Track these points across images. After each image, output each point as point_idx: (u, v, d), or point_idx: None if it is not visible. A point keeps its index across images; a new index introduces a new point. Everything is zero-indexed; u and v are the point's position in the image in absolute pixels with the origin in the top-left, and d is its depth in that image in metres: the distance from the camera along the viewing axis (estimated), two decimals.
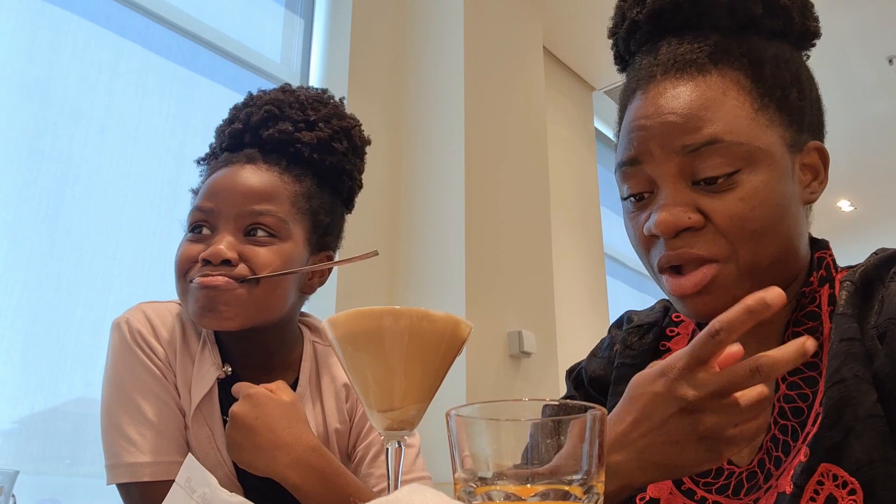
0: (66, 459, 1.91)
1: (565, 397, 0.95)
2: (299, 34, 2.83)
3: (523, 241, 2.83)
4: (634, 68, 0.83)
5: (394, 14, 3.01)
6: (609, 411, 0.86)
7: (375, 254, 1.02)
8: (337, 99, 1.21)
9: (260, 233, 1.04)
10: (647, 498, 0.78)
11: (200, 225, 1.05)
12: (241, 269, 1.02)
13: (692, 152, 0.72)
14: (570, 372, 0.99)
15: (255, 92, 1.20)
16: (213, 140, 1.19)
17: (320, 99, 1.17)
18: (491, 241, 2.67)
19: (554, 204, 3.15)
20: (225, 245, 1.01)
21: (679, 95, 0.75)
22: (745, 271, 0.72)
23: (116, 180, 2.12)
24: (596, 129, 4.45)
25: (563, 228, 3.60)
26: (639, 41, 0.85)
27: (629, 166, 0.77)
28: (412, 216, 2.73)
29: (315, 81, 2.77)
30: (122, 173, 2.13)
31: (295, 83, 1.23)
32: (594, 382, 0.93)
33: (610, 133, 4.80)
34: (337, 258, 1.21)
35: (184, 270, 1.03)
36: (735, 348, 0.61)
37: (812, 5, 0.84)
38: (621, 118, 0.83)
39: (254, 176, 1.06)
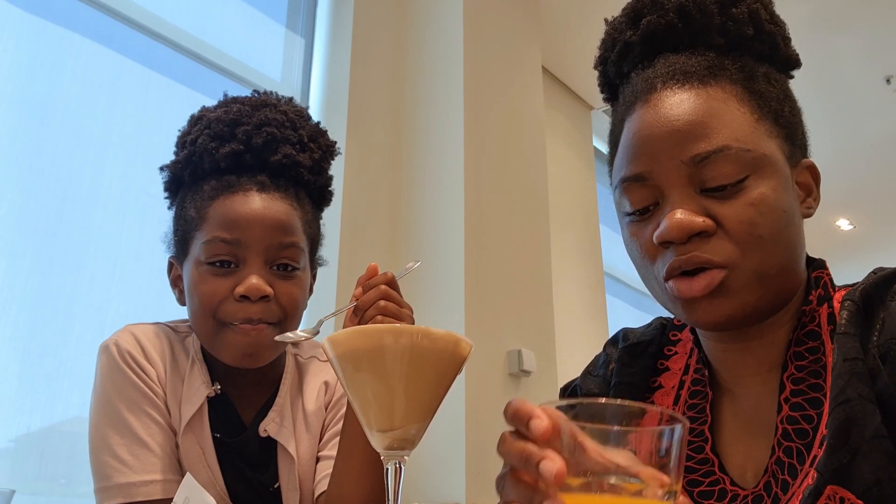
0: (62, 479, 1.90)
1: None
2: (300, 53, 2.84)
3: (523, 260, 2.83)
4: (630, 85, 0.83)
5: (394, 33, 3.02)
6: None
7: (417, 263, 1.03)
8: (303, 107, 1.20)
9: (286, 266, 1.05)
10: None
11: (226, 259, 1.02)
12: (274, 304, 1.02)
13: (701, 161, 0.72)
14: (564, 390, 0.98)
15: (217, 99, 1.16)
16: (185, 147, 1.12)
17: (300, 113, 1.16)
18: (490, 260, 2.66)
19: (553, 222, 3.15)
20: (262, 280, 1.01)
21: (683, 102, 0.75)
22: (754, 278, 0.71)
23: (116, 198, 2.12)
24: (595, 147, 4.46)
25: (562, 247, 3.60)
26: (632, 62, 0.85)
27: (634, 181, 0.76)
28: (412, 234, 2.73)
29: (315, 100, 2.78)
30: (122, 191, 2.13)
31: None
32: None
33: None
34: None
35: (213, 308, 1.01)
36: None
37: (789, 36, 0.86)
38: (617, 135, 0.82)
39: (275, 206, 1.05)
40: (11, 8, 1.97)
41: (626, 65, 0.86)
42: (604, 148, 4.72)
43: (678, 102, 0.75)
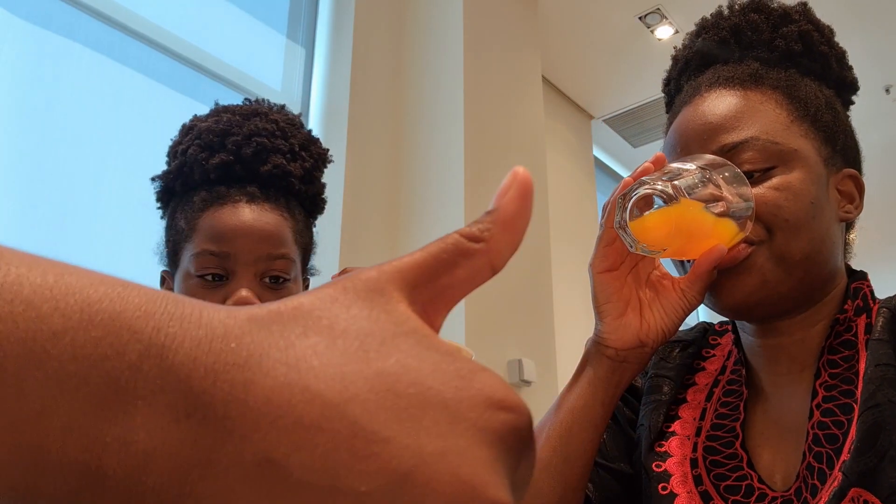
0: None
1: None
2: (300, 63, 2.85)
3: (523, 269, 2.83)
4: (681, 94, 0.89)
5: (394, 43, 3.03)
6: (640, 421, 0.88)
7: None
8: (295, 114, 1.19)
9: (277, 279, 1.04)
10: (669, 490, 0.78)
11: (216, 272, 1.01)
12: None
13: (729, 150, 0.76)
14: None
15: (208, 107, 1.16)
16: (176, 157, 1.12)
17: (292, 121, 1.15)
18: None
19: (553, 231, 3.15)
20: (251, 294, 1.00)
21: (720, 102, 0.81)
22: (776, 257, 0.74)
23: (117, 208, 2.12)
24: (595, 157, 4.46)
25: (562, 256, 3.60)
26: (688, 76, 0.91)
27: None
28: (412, 243, 2.73)
29: (316, 110, 2.79)
30: (123, 201, 2.13)
31: (296, 111, 1.22)
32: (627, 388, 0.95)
33: (609, 161, 4.82)
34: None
35: None
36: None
37: (849, 62, 0.89)
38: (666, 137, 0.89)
39: (265, 217, 1.04)
40: (13, 18, 1.98)
41: (683, 79, 0.92)
42: (604, 157, 4.72)
43: (715, 101, 0.81)
